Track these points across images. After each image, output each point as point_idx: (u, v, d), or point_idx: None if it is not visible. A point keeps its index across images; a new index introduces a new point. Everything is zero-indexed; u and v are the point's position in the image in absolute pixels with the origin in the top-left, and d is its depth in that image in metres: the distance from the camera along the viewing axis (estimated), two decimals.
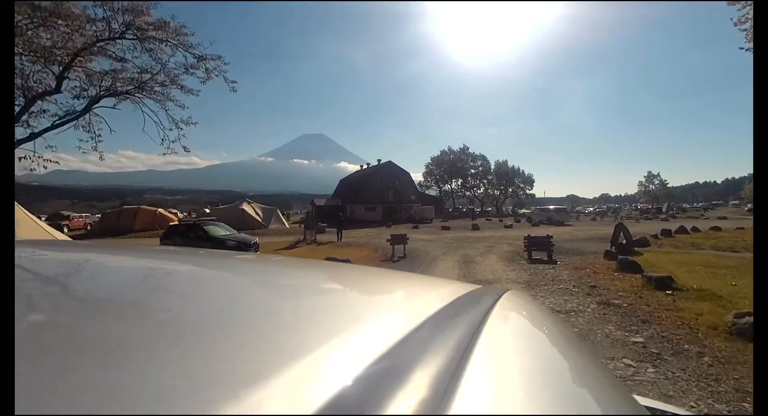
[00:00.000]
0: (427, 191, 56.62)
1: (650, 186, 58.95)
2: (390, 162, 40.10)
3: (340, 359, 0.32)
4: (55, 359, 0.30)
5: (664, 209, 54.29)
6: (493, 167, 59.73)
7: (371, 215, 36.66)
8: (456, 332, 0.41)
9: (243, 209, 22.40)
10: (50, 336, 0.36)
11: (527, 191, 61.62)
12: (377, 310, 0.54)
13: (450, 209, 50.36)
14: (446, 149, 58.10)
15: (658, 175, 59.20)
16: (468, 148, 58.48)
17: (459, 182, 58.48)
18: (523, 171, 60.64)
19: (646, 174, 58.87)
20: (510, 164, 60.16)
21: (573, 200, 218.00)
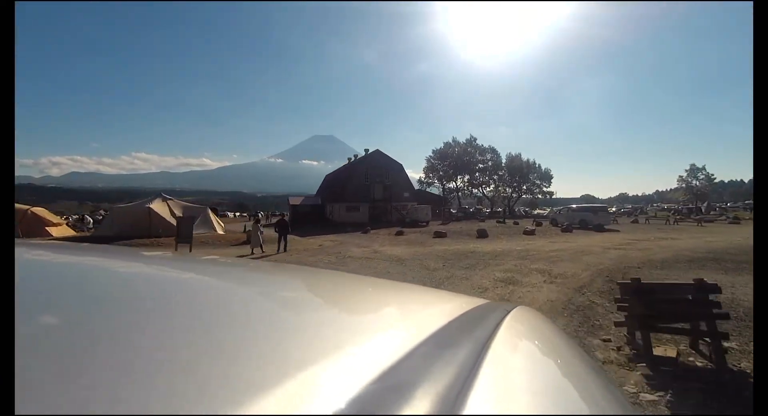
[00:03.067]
0: (428, 189, 49.51)
1: (694, 182, 49.78)
2: (378, 152, 33.02)
3: (344, 372, 0.32)
4: (58, 360, 0.30)
5: (703, 209, 46.07)
6: (504, 161, 52.18)
7: (354, 217, 29.85)
8: (463, 348, 0.39)
9: (149, 209, 15.83)
10: (53, 337, 0.36)
11: (544, 189, 53.75)
12: (381, 323, 0.55)
13: (454, 210, 43.24)
14: (450, 141, 50.87)
15: (704, 168, 49.83)
16: (476, 139, 51.02)
17: (465, 179, 51.07)
18: (539, 165, 52.82)
19: (687, 168, 49.89)
20: (524, 158, 52.52)
21: (588, 199, 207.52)
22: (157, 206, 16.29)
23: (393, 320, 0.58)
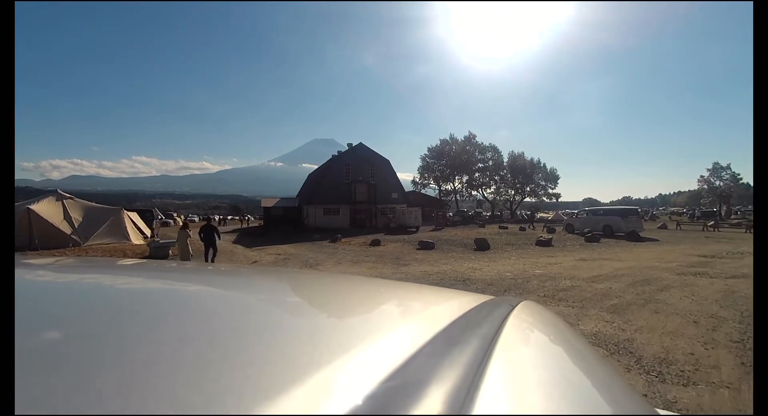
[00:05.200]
0: (424, 191, 45.31)
1: (717, 182, 44.31)
2: (361, 145, 28.73)
3: (352, 374, 0.32)
4: (61, 365, 0.30)
5: (723, 213, 41.62)
6: (506, 160, 47.90)
7: (332, 221, 25.66)
8: (470, 345, 0.39)
9: (29, 212, 11.64)
10: (57, 341, 0.37)
11: (550, 191, 49.34)
12: (388, 323, 0.55)
13: (451, 213, 39.04)
14: (447, 138, 46.71)
15: (729, 167, 44.30)
16: (475, 136, 46.85)
17: (464, 180, 46.77)
18: (544, 165, 48.48)
19: (710, 167, 44.60)
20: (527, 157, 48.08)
21: (591, 203, 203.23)
22: (44, 208, 12.11)
23: (399, 319, 0.58)
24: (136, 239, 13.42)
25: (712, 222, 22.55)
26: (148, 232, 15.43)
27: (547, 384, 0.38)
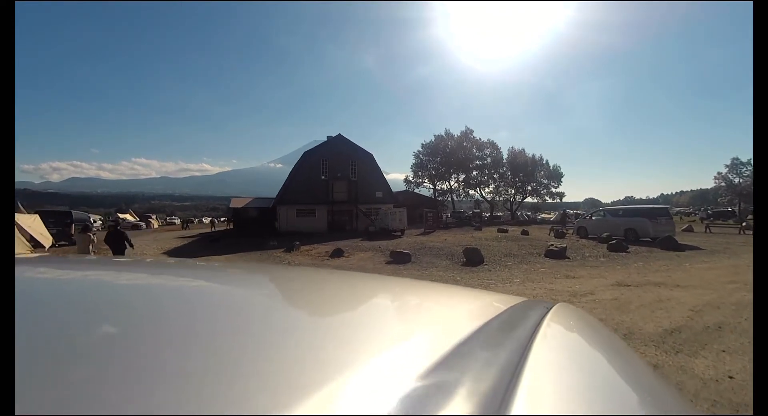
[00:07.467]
0: (418, 190, 42.09)
1: (737, 179, 40.50)
2: (340, 137, 25.46)
3: (386, 373, 0.32)
4: (73, 364, 0.30)
5: (737, 213, 38.28)
6: (506, 157, 44.68)
7: (307, 224, 22.52)
8: (505, 347, 0.38)
9: None
10: (64, 339, 0.36)
11: (553, 190, 46.07)
12: (422, 322, 0.55)
13: (449, 213, 35.89)
14: (443, 133, 43.48)
15: (749, 162, 39.77)
16: (472, 132, 43.62)
17: (461, 178, 43.49)
18: (546, 162, 45.21)
19: (728, 163, 40.95)
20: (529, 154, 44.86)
21: (592, 203, 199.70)
22: None
23: (433, 319, 0.57)
24: (20, 251, 10.23)
25: (744, 223, 19.35)
26: (47, 242, 12.08)
27: (585, 386, 0.36)
